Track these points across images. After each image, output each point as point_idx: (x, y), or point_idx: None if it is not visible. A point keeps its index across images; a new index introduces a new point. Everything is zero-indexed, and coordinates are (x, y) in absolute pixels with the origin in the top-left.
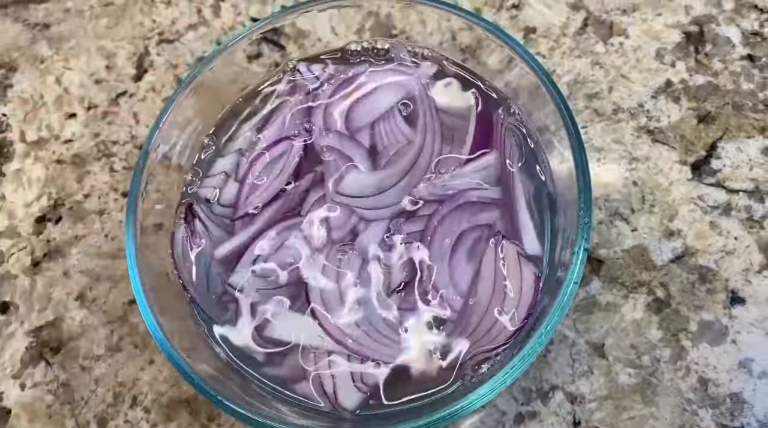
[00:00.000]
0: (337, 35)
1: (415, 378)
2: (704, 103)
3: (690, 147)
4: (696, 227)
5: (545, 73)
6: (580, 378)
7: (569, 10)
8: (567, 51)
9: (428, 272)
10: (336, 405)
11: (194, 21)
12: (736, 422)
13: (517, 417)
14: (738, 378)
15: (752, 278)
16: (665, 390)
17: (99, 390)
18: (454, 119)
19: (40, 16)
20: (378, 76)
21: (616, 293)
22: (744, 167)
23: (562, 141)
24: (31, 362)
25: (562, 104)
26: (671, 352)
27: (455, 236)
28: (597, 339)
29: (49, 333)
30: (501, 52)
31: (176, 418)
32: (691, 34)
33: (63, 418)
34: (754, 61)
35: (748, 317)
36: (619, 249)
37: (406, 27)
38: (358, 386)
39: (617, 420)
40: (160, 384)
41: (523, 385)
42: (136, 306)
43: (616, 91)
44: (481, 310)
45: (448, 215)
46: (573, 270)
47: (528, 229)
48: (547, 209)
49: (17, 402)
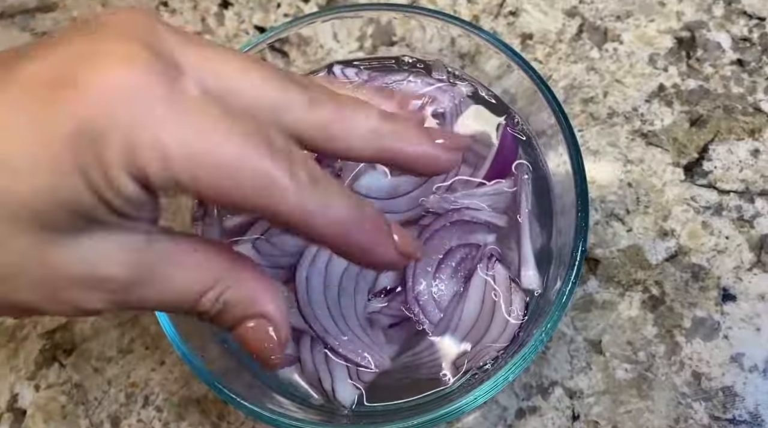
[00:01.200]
0: (338, 42)
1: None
2: (696, 106)
3: (682, 149)
4: (689, 227)
5: (541, 79)
6: (578, 373)
7: (565, 16)
8: (563, 57)
9: (412, 283)
10: (334, 401)
11: (199, 29)
12: (728, 414)
13: (518, 412)
14: (730, 372)
15: (743, 275)
16: (660, 384)
17: (111, 391)
18: (479, 145)
19: (47, 25)
20: (413, 86)
21: (612, 292)
22: (734, 168)
23: (558, 145)
24: (45, 364)
25: (558, 109)
26: (666, 348)
27: (444, 251)
28: (594, 336)
29: (62, 336)
30: (498, 58)
31: (188, 417)
32: (682, 39)
33: (77, 418)
34: (744, 65)
35: (739, 314)
36: (615, 249)
37: (407, 34)
38: (354, 382)
39: (614, 413)
40: (171, 383)
41: (523, 381)
42: None
43: (610, 96)
44: (464, 328)
45: (440, 230)
46: (572, 271)
47: (528, 263)
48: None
49: (32, 403)
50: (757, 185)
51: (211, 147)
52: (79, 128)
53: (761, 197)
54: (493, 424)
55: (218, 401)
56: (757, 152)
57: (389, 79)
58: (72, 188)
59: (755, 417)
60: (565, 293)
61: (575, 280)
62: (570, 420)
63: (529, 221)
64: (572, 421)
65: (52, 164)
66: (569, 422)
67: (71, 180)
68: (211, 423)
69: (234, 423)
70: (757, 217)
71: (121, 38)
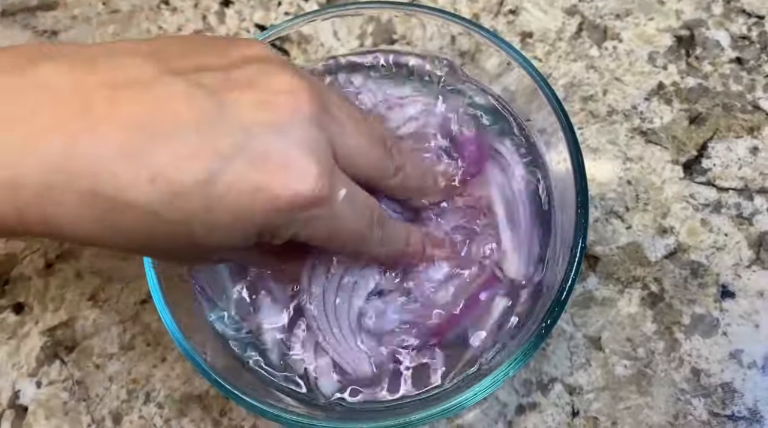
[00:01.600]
0: (339, 40)
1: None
2: (695, 104)
3: (682, 147)
4: (688, 224)
5: (541, 76)
6: (578, 370)
7: (565, 15)
8: (563, 55)
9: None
10: (320, 393)
11: (200, 27)
12: (727, 410)
13: (518, 409)
14: (729, 368)
15: (742, 272)
16: (660, 380)
17: (113, 387)
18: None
19: (49, 23)
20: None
21: (611, 289)
22: (733, 166)
23: (559, 143)
24: (47, 360)
25: (558, 107)
26: (665, 344)
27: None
28: (594, 333)
29: (63, 333)
30: (499, 56)
31: (189, 413)
32: (682, 38)
33: (79, 415)
34: (743, 63)
35: (738, 310)
36: (614, 246)
37: (407, 32)
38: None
39: (614, 410)
40: (173, 380)
41: (524, 377)
42: (147, 306)
43: (610, 94)
44: (450, 320)
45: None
46: (572, 267)
47: (507, 255)
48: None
49: (34, 400)
50: (756, 183)
51: (346, 234)
52: (267, 222)
53: (760, 194)
54: (493, 420)
55: (220, 397)
56: (755, 149)
57: (397, 95)
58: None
59: (754, 413)
60: (564, 290)
61: (575, 276)
62: (569, 416)
63: (530, 220)
64: (572, 417)
65: (249, 233)
66: (569, 418)
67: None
68: (212, 420)
69: (235, 419)
70: (756, 214)
71: (303, 146)
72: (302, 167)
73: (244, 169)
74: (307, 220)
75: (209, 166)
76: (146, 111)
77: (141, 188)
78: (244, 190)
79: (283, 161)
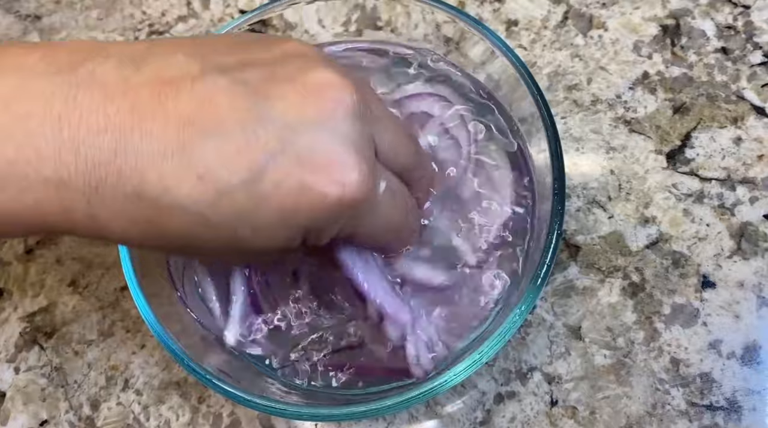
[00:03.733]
0: (324, 27)
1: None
2: (679, 94)
3: (665, 137)
4: (670, 214)
5: (523, 65)
6: (557, 359)
7: (550, 3)
8: (548, 43)
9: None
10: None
11: (184, 13)
12: (705, 400)
13: (497, 397)
14: (708, 358)
15: (723, 263)
16: (639, 370)
17: (92, 374)
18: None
19: (32, 7)
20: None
21: (592, 278)
22: (717, 156)
23: (539, 132)
24: (25, 346)
25: (537, 94)
26: (645, 334)
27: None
28: (574, 322)
29: (42, 319)
30: (483, 44)
31: (167, 400)
32: (667, 27)
33: (57, 401)
34: (728, 53)
35: (718, 301)
36: (596, 235)
37: (392, 18)
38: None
39: (593, 399)
40: (152, 367)
41: (502, 366)
42: (127, 292)
43: (594, 83)
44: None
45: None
46: (547, 253)
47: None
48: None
49: (12, 386)
50: (738, 173)
51: (387, 226)
52: (314, 221)
53: (742, 184)
54: (471, 409)
55: (198, 384)
56: (739, 140)
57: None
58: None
59: (732, 403)
60: (539, 276)
61: (550, 263)
62: (548, 406)
63: (510, 206)
64: (550, 406)
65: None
66: (547, 407)
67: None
68: (190, 406)
69: (214, 406)
70: (737, 205)
71: (347, 142)
72: (348, 164)
73: (289, 166)
74: (352, 217)
75: (255, 163)
76: (192, 108)
77: (188, 187)
78: (291, 188)
79: (328, 158)
